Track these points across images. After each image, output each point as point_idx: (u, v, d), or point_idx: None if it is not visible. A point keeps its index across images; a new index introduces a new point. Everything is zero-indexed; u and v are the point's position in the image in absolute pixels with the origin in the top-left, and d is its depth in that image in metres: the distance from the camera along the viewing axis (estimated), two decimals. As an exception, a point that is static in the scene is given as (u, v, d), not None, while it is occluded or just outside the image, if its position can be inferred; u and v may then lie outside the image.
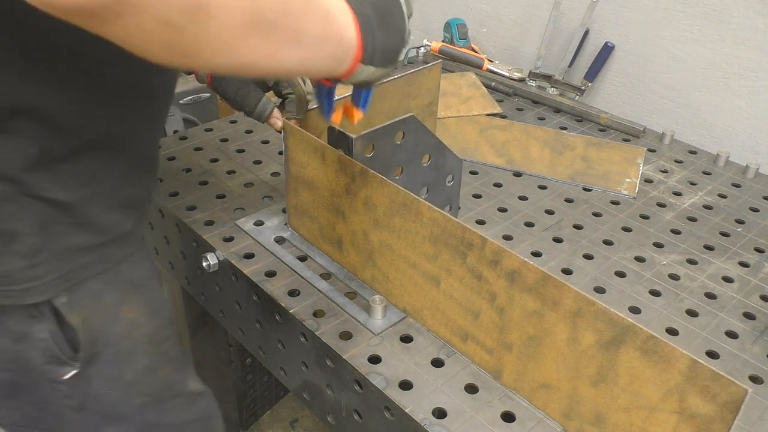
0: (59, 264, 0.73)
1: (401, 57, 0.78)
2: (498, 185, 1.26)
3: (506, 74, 1.66)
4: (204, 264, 1.04)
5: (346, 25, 0.67)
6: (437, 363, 0.87)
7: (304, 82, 0.94)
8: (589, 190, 1.26)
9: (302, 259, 1.04)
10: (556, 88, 1.61)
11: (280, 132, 1.00)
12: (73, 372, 0.78)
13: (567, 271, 1.04)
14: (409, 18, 0.75)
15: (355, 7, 0.68)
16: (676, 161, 1.39)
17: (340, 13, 0.66)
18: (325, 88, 0.84)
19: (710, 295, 1.01)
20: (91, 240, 0.75)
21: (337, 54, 0.67)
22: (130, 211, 0.79)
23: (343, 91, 0.87)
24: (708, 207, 1.24)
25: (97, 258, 0.76)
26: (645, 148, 1.41)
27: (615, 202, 1.23)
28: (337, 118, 0.88)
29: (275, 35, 0.56)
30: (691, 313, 0.97)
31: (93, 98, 0.70)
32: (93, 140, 0.72)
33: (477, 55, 1.72)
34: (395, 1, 0.73)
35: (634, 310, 0.97)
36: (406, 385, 0.83)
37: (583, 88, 1.60)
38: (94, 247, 0.75)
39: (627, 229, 1.16)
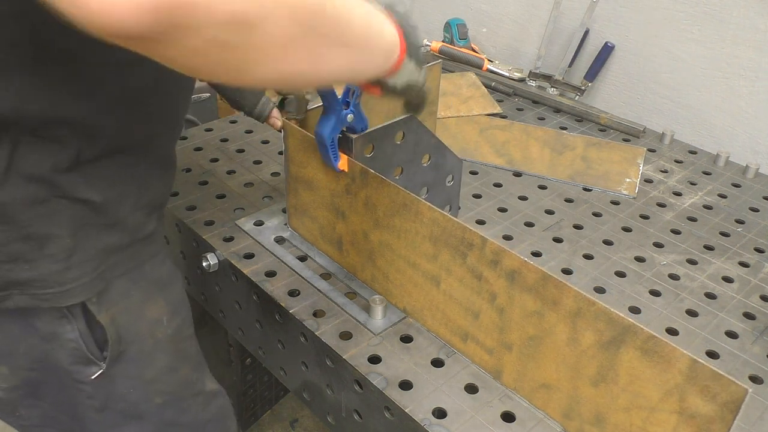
0: (92, 265, 0.74)
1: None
2: (498, 185, 1.26)
3: (506, 74, 1.66)
4: (204, 264, 1.04)
5: (384, 19, 0.67)
6: (437, 363, 0.87)
7: None
8: (589, 190, 1.26)
9: (302, 259, 1.04)
10: (556, 88, 1.61)
11: (280, 132, 1.00)
12: (99, 372, 0.79)
13: (567, 271, 1.04)
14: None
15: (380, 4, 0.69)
16: (676, 161, 1.39)
17: (375, 8, 0.66)
18: (327, 140, 0.87)
19: (710, 295, 1.01)
20: (120, 240, 0.76)
21: (385, 48, 0.68)
22: (153, 210, 0.81)
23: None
24: (708, 207, 1.24)
25: (126, 257, 0.78)
26: (645, 148, 1.41)
27: (615, 202, 1.23)
28: (344, 166, 0.90)
29: (320, 41, 0.56)
30: (691, 313, 0.97)
31: (122, 103, 0.71)
32: (122, 142, 0.73)
33: (477, 55, 1.72)
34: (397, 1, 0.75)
35: (634, 310, 0.97)
36: (406, 385, 0.83)
37: (583, 88, 1.60)
38: (123, 247, 0.77)
39: (627, 229, 1.15)
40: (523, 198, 1.22)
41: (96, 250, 0.74)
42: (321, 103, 0.88)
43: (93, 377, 0.79)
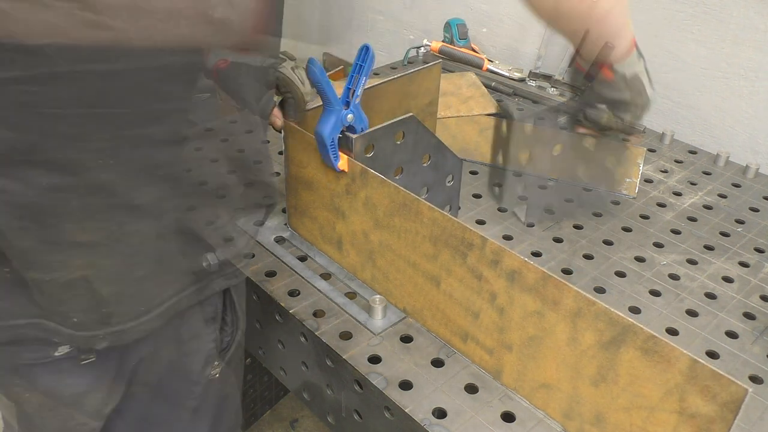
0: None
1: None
2: (498, 185, 1.26)
3: (506, 74, 1.66)
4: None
5: None
6: (437, 363, 0.87)
7: (303, 84, 0.94)
8: (589, 190, 1.26)
9: (302, 259, 1.04)
10: (556, 88, 1.61)
11: (279, 131, 1.00)
12: (219, 370, 0.83)
13: (567, 271, 1.04)
14: None
15: None
16: (676, 161, 1.39)
17: None
18: (327, 140, 0.87)
19: (710, 295, 1.01)
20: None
21: None
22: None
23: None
24: (708, 207, 1.24)
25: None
26: (645, 148, 1.41)
27: (615, 202, 1.23)
28: (344, 166, 0.90)
29: None
30: (691, 313, 0.97)
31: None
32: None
33: (477, 55, 1.72)
34: None
35: (634, 310, 0.97)
36: (406, 385, 0.83)
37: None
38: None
39: (627, 229, 1.15)
40: (523, 198, 1.22)
41: None
42: (321, 103, 0.89)
43: (214, 375, 0.82)
